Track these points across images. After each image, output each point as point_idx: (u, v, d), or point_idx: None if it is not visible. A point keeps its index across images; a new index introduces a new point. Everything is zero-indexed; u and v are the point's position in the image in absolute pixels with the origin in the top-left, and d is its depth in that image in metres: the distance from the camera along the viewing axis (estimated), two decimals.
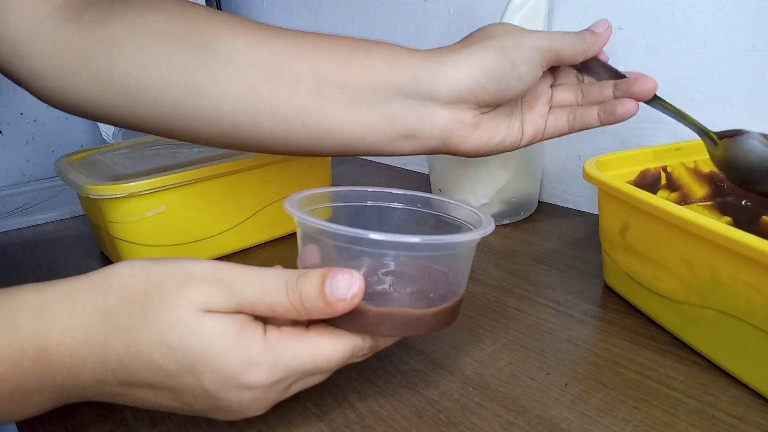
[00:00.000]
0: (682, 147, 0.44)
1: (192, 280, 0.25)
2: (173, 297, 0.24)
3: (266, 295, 0.25)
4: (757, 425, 0.29)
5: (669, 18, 0.49)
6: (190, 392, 0.25)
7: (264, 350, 0.25)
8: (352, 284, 0.25)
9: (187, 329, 0.24)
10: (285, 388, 0.27)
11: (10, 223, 0.68)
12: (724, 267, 0.30)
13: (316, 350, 0.26)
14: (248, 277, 0.25)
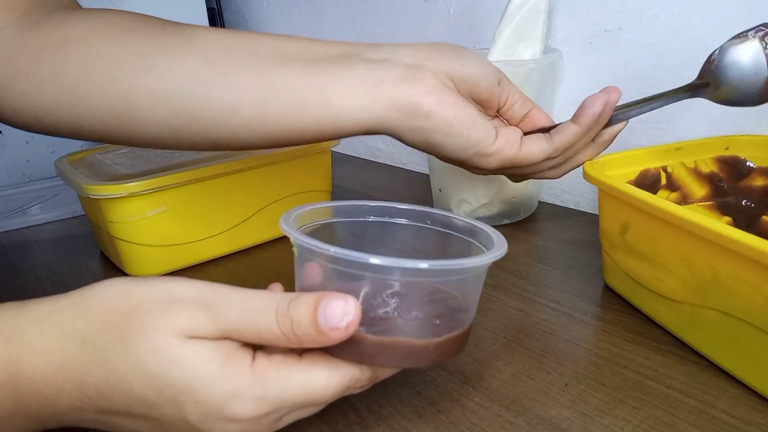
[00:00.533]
0: (682, 147, 0.44)
1: (175, 303, 0.23)
2: (154, 321, 0.23)
3: (255, 321, 0.23)
4: (757, 425, 0.29)
5: (669, 18, 0.49)
6: (171, 423, 0.23)
7: (251, 381, 0.23)
8: (347, 312, 0.23)
9: (168, 356, 0.22)
10: (275, 421, 0.25)
11: (10, 223, 0.68)
12: (724, 267, 0.30)
13: (309, 381, 0.24)
14: (236, 300, 0.24)
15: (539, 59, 0.51)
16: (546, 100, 0.56)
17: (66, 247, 0.61)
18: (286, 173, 0.54)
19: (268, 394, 0.23)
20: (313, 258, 0.27)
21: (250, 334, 0.23)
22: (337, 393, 0.25)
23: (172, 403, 0.23)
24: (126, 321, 0.23)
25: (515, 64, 0.50)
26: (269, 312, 0.23)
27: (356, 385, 0.26)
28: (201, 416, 0.23)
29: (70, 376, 0.23)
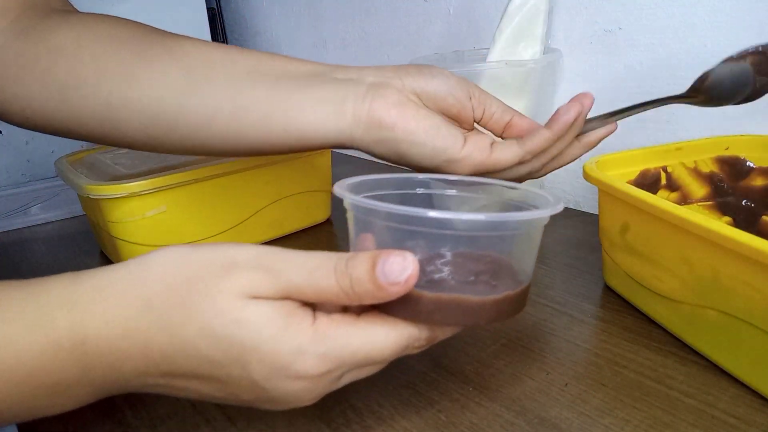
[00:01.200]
0: (682, 147, 0.44)
1: (235, 266, 0.24)
2: (217, 285, 0.23)
3: (314, 280, 0.24)
4: (757, 425, 0.29)
5: (669, 18, 0.49)
6: (236, 383, 0.24)
7: (313, 338, 0.24)
8: (406, 267, 0.23)
9: (232, 318, 0.23)
10: (335, 379, 0.25)
11: (10, 223, 0.68)
12: (724, 267, 0.30)
13: (368, 340, 0.25)
14: (294, 261, 0.24)
15: (539, 59, 0.51)
16: (546, 100, 0.56)
17: (66, 247, 0.61)
18: (286, 173, 0.54)
19: (330, 351, 0.24)
20: (368, 219, 0.27)
21: (310, 293, 0.24)
22: (396, 352, 0.25)
23: (237, 363, 0.23)
24: (188, 286, 0.23)
25: (515, 64, 0.50)
26: (328, 271, 0.24)
27: (414, 344, 0.26)
28: (266, 374, 0.24)
29: (135, 341, 0.23)
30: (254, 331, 0.23)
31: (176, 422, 0.32)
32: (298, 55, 0.40)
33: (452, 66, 0.54)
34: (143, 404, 0.34)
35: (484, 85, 0.52)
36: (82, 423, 0.33)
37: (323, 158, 0.58)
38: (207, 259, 0.24)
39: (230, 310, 0.23)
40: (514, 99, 0.52)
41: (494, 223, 0.25)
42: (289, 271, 0.24)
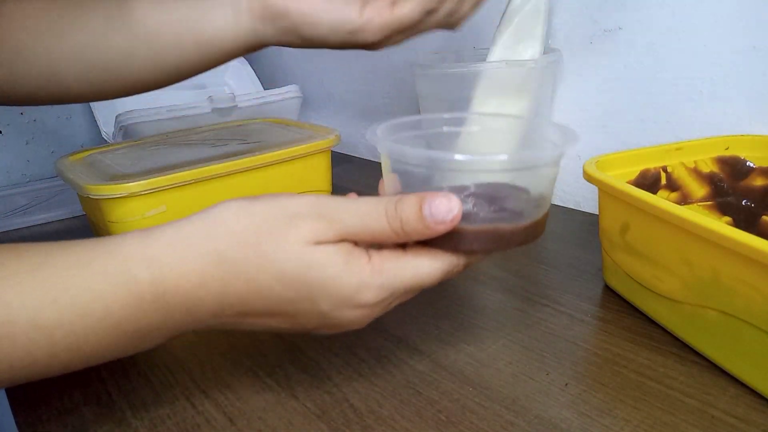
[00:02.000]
0: (682, 147, 0.44)
1: (296, 217, 0.26)
2: (285, 235, 0.26)
3: (368, 224, 0.27)
4: (757, 425, 0.29)
5: (669, 18, 0.49)
6: (305, 315, 0.28)
7: (372, 273, 0.27)
8: (452, 207, 0.26)
9: (303, 263, 0.26)
10: (388, 305, 0.29)
11: (10, 223, 0.68)
12: (724, 267, 0.30)
13: (417, 271, 0.28)
14: (348, 208, 0.27)
15: (539, 59, 0.51)
16: (546, 100, 0.56)
17: None
18: (285, 173, 0.54)
19: (386, 282, 0.27)
20: (400, 163, 0.29)
21: (365, 235, 0.27)
22: (439, 278, 0.28)
23: (307, 299, 0.27)
24: (258, 237, 0.26)
25: (515, 64, 0.50)
26: (380, 215, 0.26)
27: (454, 270, 0.29)
28: (333, 306, 0.27)
29: (211, 290, 0.26)
30: (321, 271, 0.26)
31: (176, 422, 0.32)
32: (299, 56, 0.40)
33: (452, 66, 0.54)
34: (143, 404, 0.34)
35: (484, 85, 0.52)
36: (82, 423, 0.33)
37: (323, 158, 0.58)
38: (268, 213, 0.27)
39: (299, 256, 0.26)
40: (514, 99, 0.52)
41: (514, 161, 0.28)
42: (344, 218, 0.27)
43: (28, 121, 0.93)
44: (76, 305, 0.24)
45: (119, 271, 0.25)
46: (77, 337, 0.25)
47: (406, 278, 0.28)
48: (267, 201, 0.27)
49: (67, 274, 0.25)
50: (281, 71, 1.06)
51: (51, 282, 0.24)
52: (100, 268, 0.25)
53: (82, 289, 0.25)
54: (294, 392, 0.34)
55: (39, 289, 0.24)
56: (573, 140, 0.28)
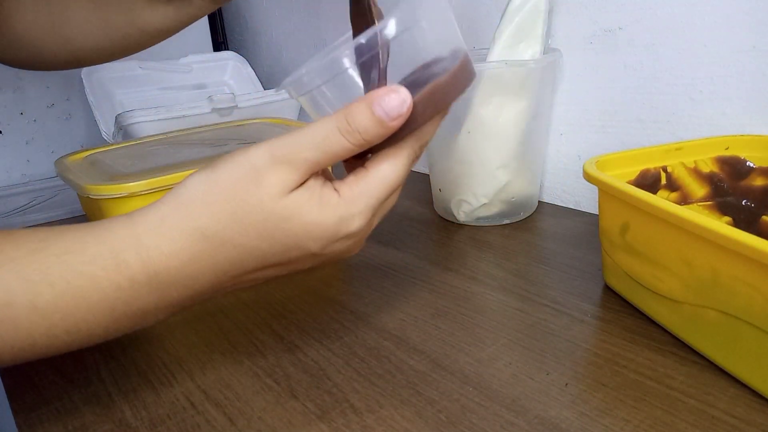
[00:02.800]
0: (682, 147, 0.44)
1: (259, 172, 0.27)
2: (254, 194, 0.27)
3: (327, 149, 0.26)
4: (757, 425, 0.29)
5: (669, 18, 0.49)
6: (298, 260, 0.29)
7: (347, 205, 0.28)
8: (404, 99, 0.26)
9: (280, 217, 0.27)
10: (371, 221, 0.29)
11: (10, 223, 0.68)
12: (724, 267, 0.30)
13: (384, 180, 0.28)
14: (303, 141, 0.27)
15: (539, 59, 0.51)
16: (546, 100, 0.56)
17: None
18: None
19: (362, 206, 0.28)
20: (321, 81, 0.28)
21: (327, 160, 0.27)
22: (405, 173, 0.29)
23: (295, 247, 0.28)
24: (231, 205, 0.27)
25: (515, 64, 0.50)
26: (335, 135, 0.26)
27: (414, 156, 0.29)
28: (322, 245, 0.28)
29: (203, 262, 0.27)
30: (300, 219, 0.27)
31: (176, 422, 0.32)
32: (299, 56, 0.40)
33: None
34: (143, 404, 0.34)
35: (484, 85, 0.52)
36: (82, 423, 0.33)
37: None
38: (233, 175, 0.27)
39: (274, 211, 0.27)
40: (514, 99, 0.52)
41: (399, 17, 0.27)
42: (303, 153, 0.26)
43: (28, 121, 0.93)
44: (71, 289, 0.25)
45: (110, 256, 0.26)
46: (75, 319, 0.25)
47: (377, 192, 0.28)
48: (226, 165, 0.27)
49: (61, 260, 0.25)
50: (281, 71, 1.06)
51: (47, 267, 0.25)
52: (93, 254, 0.26)
53: (77, 274, 0.25)
54: (294, 392, 0.34)
55: (36, 274, 0.25)
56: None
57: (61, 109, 0.96)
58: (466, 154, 0.54)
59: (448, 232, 0.56)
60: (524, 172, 0.56)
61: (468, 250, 0.52)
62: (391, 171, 0.28)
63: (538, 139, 0.57)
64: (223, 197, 0.27)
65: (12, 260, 0.25)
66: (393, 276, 0.48)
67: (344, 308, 0.43)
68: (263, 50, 1.09)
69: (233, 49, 1.12)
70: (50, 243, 0.26)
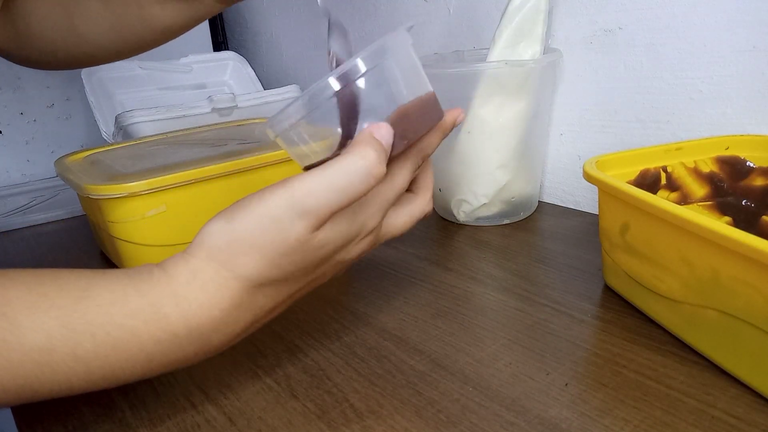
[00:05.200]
0: (682, 147, 0.44)
1: (284, 226, 0.27)
2: (285, 244, 0.27)
3: (350, 195, 0.27)
4: (757, 425, 0.29)
5: (669, 18, 0.49)
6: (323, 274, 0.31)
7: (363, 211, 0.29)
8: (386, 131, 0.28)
9: (313, 248, 0.28)
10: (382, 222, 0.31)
11: (10, 223, 0.68)
12: (724, 267, 0.30)
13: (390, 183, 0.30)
14: (327, 191, 0.27)
15: (539, 59, 0.51)
16: (546, 100, 0.56)
17: (66, 247, 0.61)
18: (285, 173, 0.54)
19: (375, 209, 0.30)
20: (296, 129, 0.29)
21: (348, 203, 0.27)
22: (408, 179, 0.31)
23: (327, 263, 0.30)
24: (264, 251, 0.27)
25: (515, 64, 0.50)
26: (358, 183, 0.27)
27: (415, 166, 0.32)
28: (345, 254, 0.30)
29: (244, 306, 0.28)
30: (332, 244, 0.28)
31: (176, 422, 0.32)
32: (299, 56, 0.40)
33: (452, 66, 0.54)
34: (143, 404, 0.34)
35: (485, 85, 0.52)
36: (82, 423, 0.33)
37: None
38: (256, 230, 0.27)
39: (308, 247, 0.28)
40: (514, 99, 0.52)
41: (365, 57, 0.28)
42: (328, 202, 0.27)
43: (28, 121, 0.93)
44: (111, 340, 0.26)
45: (151, 311, 0.27)
46: (113, 367, 0.26)
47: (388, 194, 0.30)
48: (245, 218, 0.27)
49: (104, 311, 0.26)
50: (281, 71, 1.06)
51: (90, 317, 0.26)
52: (134, 307, 0.26)
53: (118, 326, 0.26)
54: (294, 392, 0.34)
55: (79, 323, 0.25)
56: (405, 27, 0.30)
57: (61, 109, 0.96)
58: (466, 154, 0.54)
59: (448, 231, 0.56)
60: (524, 172, 0.56)
61: (468, 250, 0.52)
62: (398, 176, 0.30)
63: (538, 139, 0.57)
64: (254, 249, 0.27)
65: (57, 308, 0.25)
66: (393, 276, 0.48)
67: (344, 308, 0.43)
68: (263, 50, 1.09)
69: (233, 49, 1.12)
70: (94, 293, 0.26)
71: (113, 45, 0.47)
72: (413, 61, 0.31)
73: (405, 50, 0.30)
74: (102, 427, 0.32)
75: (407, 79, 0.30)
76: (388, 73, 0.29)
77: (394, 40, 0.29)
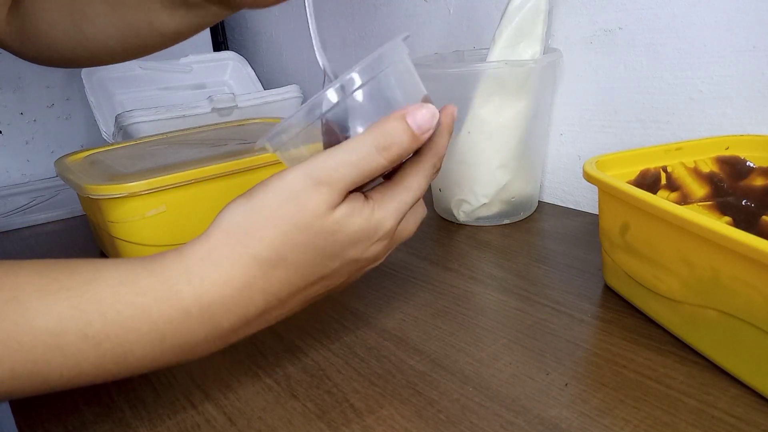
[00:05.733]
0: (682, 147, 0.44)
1: (300, 197, 0.27)
2: (301, 220, 0.27)
3: (365, 167, 0.27)
4: (757, 425, 0.29)
5: (669, 18, 0.49)
6: (337, 271, 0.30)
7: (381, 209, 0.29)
8: (434, 113, 0.28)
9: (329, 232, 0.28)
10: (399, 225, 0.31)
11: (10, 223, 0.68)
12: (724, 267, 0.30)
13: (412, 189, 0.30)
14: (341, 161, 0.27)
15: (539, 59, 0.51)
16: (546, 100, 0.56)
17: (66, 247, 0.61)
18: None
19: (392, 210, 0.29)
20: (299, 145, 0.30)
21: (364, 179, 0.28)
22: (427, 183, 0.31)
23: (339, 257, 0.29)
24: (280, 228, 0.27)
25: (515, 64, 0.50)
26: (372, 155, 0.27)
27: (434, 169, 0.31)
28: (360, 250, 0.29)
29: (256, 287, 0.28)
30: (347, 230, 0.28)
31: (176, 422, 0.32)
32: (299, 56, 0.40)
33: (452, 66, 0.54)
34: (143, 404, 0.34)
35: (485, 85, 0.52)
36: (82, 423, 0.33)
37: None
38: (273, 205, 0.27)
39: (323, 227, 0.27)
40: (514, 99, 0.52)
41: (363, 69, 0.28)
42: (342, 174, 0.27)
43: (28, 121, 0.93)
44: (122, 319, 0.26)
45: (163, 288, 0.26)
46: (123, 349, 0.26)
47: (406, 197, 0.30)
48: (264, 194, 0.28)
49: (114, 291, 0.26)
50: (281, 71, 1.06)
51: (100, 297, 0.26)
52: (145, 285, 0.26)
53: (128, 304, 0.26)
54: (294, 392, 0.34)
55: (89, 303, 0.25)
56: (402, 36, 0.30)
57: (61, 109, 0.96)
58: (466, 154, 0.54)
59: (448, 231, 0.56)
60: (524, 172, 0.56)
61: (468, 250, 0.52)
62: (417, 181, 0.30)
63: (538, 139, 0.57)
64: (270, 223, 0.27)
65: (67, 289, 0.25)
66: (393, 276, 0.48)
67: (344, 308, 0.43)
68: (263, 50, 1.09)
69: (233, 49, 1.12)
70: (104, 274, 0.26)
71: (119, 47, 0.47)
72: (409, 70, 0.31)
73: (401, 60, 0.30)
74: (102, 427, 0.32)
75: (403, 87, 0.31)
76: (384, 83, 0.29)
77: (390, 51, 0.29)
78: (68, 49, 0.47)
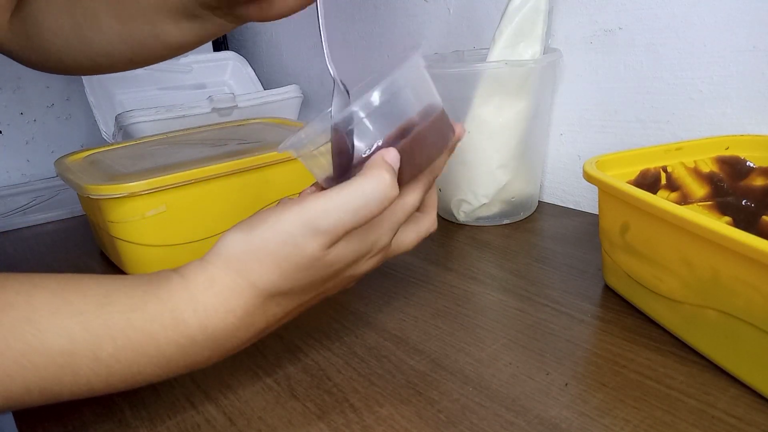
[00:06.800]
0: (682, 147, 0.44)
1: (299, 243, 0.28)
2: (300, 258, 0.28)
3: (363, 216, 0.28)
4: (757, 425, 0.29)
5: (669, 18, 0.49)
6: (334, 286, 0.31)
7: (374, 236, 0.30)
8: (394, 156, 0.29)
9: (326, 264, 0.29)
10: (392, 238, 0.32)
11: (10, 222, 0.68)
12: (724, 267, 0.30)
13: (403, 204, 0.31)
14: (343, 212, 0.27)
15: (539, 59, 0.51)
16: (546, 100, 0.56)
17: (66, 247, 0.61)
18: (286, 173, 0.54)
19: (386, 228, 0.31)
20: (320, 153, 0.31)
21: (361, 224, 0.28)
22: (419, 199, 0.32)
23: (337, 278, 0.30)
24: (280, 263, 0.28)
25: (515, 64, 0.50)
26: (372, 205, 0.27)
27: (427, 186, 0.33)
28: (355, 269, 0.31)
29: (257, 314, 0.29)
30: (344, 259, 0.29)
31: (176, 422, 0.32)
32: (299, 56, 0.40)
33: (452, 66, 0.54)
34: (143, 404, 0.34)
35: (484, 85, 0.52)
36: (82, 423, 0.33)
37: None
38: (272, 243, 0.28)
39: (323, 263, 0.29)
40: (514, 99, 0.52)
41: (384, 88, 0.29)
42: (344, 223, 0.27)
43: (28, 121, 0.93)
44: (132, 344, 0.27)
45: (171, 316, 0.28)
46: (132, 370, 0.27)
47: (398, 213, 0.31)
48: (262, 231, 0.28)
49: (125, 317, 0.27)
50: (281, 71, 1.06)
51: (111, 322, 0.27)
52: (153, 313, 0.28)
53: (137, 330, 0.27)
54: (294, 392, 0.34)
55: (101, 327, 0.27)
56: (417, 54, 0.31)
57: (61, 109, 0.96)
58: (466, 154, 0.54)
59: (448, 231, 0.56)
60: (524, 172, 0.56)
61: (468, 250, 0.52)
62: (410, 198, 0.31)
63: (538, 139, 0.57)
64: (269, 259, 0.28)
65: (80, 313, 0.27)
66: (393, 276, 0.48)
67: (344, 308, 0.43)
68: (263, 50, 1.09)
69: (233, 49, 1.12)
70: (115, 299, 0.27)
71: (123, 57, 0.47)
72: (427, 83, 0.32)
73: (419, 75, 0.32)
74: (102, 427, 0.32)
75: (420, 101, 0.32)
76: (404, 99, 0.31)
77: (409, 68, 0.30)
78: (70, 56, 0.47)
